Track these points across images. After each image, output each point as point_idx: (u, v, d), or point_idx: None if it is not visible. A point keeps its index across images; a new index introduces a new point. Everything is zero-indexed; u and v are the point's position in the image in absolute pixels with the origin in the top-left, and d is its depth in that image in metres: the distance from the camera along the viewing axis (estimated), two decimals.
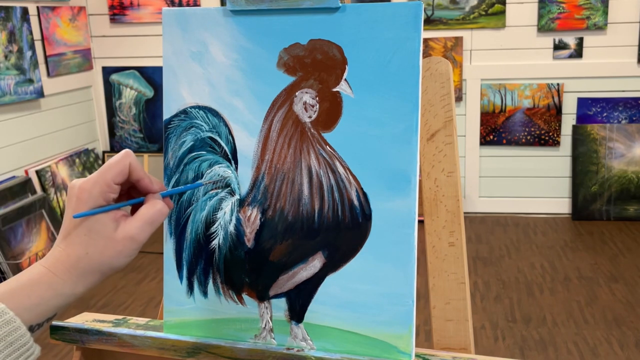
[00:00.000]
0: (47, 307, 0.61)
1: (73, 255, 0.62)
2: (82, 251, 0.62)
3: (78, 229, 0.63)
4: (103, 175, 0.64)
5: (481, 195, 3.95)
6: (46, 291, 0.61)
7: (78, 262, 0.62)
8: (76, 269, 0.62)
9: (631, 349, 2.37)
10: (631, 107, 3.67)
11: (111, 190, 0.64)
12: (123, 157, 0.65)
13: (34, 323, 0.60)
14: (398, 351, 0.73)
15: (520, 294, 2.85)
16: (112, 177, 0.64)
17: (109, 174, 0.64)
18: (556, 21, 3.62)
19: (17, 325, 0.58)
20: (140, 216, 0.65)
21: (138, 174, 0.66)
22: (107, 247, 0.63)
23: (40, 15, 3.51)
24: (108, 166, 0.64)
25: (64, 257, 0.62)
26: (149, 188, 0.67)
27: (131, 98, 4.09)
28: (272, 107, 0.76)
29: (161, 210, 0.66)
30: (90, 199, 0.63)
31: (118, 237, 0.63)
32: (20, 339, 0.58)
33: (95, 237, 0.62)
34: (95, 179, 0.63)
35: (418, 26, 0.69)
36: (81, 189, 0.63)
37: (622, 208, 3.71)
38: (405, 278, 0.72)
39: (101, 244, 0.63)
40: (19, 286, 0.60)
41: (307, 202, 0.75)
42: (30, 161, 3.44)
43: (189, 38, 0.78)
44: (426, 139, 0.82)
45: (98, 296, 2.98)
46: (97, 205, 0.63)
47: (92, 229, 0.63)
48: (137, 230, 0.64)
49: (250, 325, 0.79)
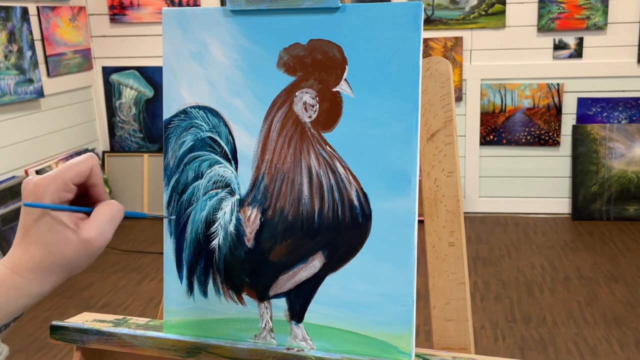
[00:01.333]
0: (14, 307, 0.60)
1: (37, 255, 0.61)
2: (45, 250, 0.61)
3: (38, 227, 0.61)
4: (62, 173, 0.62)
5: (481, 195, 3.95)
6: (12, 292, 0.60)
7: (42, 262, 0.61)
8: (40, 269, 0.61)
9: (631, 349, 2.37)
10: (631, 107, 3.67)
11: (67, 189, 0.62)
12: (87, 159, 0.64)
13: (1, 324, 0.60)
14: (398, 351, 0.73)
15: (520, 294, 2.85)
16: (71, 177, 0.62)
17: (69, 172, 0.62)
18: (556, 21, 3.62)
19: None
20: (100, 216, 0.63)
21: (96, 180, 0.65)
22: (69, 248, 0.61)
23: (40, 15, 3.51)
24: (68, 166, 0.63)
25: (28, 257, 0.61)
26: (101, 196, 0.66)
27: (131, 98, 4.09)
28: (272, 107, 0.76)
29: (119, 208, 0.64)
30: (46, 194, 0.61)
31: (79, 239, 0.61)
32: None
33: (56, 237, 0.61)
34: (54, 177, 0.62)
35: (418, 26, 0.69)
36: (37, 185, 0.61)
37: (622, 208, 3.71)
38: (405, 278, 0.72)
39: (63, 244, 0.61)
40: None
41: (307, 202, 0.75)
42: (30, 161, 3.44)
43: (189, 38, 0.78)
44: (426, 139, 0.82)
45: (98, 296, 2.98)
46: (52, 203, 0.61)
47: (52, 228, 0.61)
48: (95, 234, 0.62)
49: (250, 325, 0.79)
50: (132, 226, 3.88)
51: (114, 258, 3.42)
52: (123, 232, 3.79)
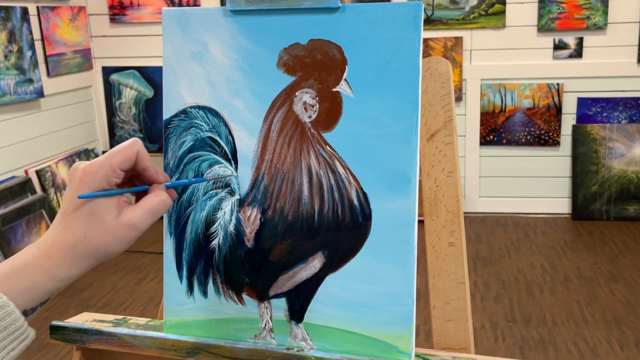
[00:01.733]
0: (41, 291, 0.60)
1: (71, 238, 0.61)
2: (81, 234, 0.61)
3: (79, 211, 0.61)
4: (110, 159, 0.63)
5: (481, 195, 3.95)
6: (41, 275, 0.60)
7: (75, 246, 0.61)
8: (72, 253, 0.61)
9: (631, 349, 2.37)
10: (631, 107, 3.67)
11: (116, 175, 0.63)
12: (132, 144, 0.65)
13: (28, 307, 0.60)
14: (398, 351, 0.73)
15: (520, 294, 2.85)
16: (118, 163, 0.63)
17: (116, 158, 0.63)
18: (556, 21, 3.62)
19: (11, 309, 0.57)
20: (143, 205, 0.64)
21: (145, 163, 0.65)
22: (107, 232, 0.62)
23: (40, 15, 3.51)
24: (115, 151, 0.63)
25: (61, 240, 0.61)
26: (154, 178, 0.66)
27: (131, 98, 4.09)
28: (272, 107, 0.76)
29: (165, 201, 0.65)
30: (94, 181, 0.62)
31: (119, 224, 0.62)
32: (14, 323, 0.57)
33: (95, 221, 0.61)
34: (101, 163, 0.62)
35: (418, 26, 0.69)
36: (85, 172, 0.62)
37: (622, 208, 3.71)
38: (405, 278, 0.72)
39: (101, 228, 0.61)
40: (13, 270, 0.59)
41: (307, 202, 0.75)
42: (30, 161, 3.44)
43: (189, 38, 0.78)
44: (426, 139, 0.82)
45: (98, 296, 2.98)
46: (100, 189, 0.62)
47: (94, 212, 0.61)
48: (139, 219, 0.63)
49: (250, 325, 0.79)
50: None
51: (114, 258, 3.42)
52: None
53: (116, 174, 0.63)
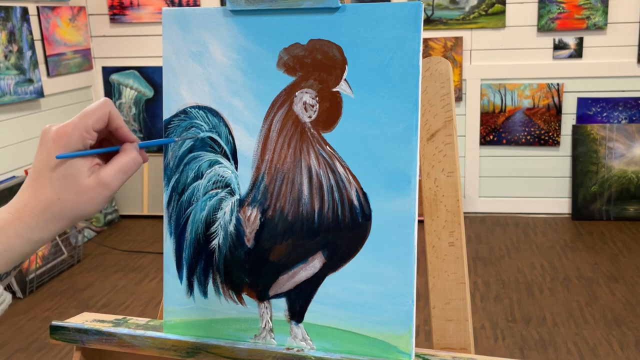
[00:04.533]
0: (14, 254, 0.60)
1: (43, 200, 0.61)
2: (55, 196, 0.61)
3: (53, 173, 0.61)
4: (84, 119, 0.63)
5: (481, 195, 3.95)
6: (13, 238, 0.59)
7: (48, 207, 0.61)
8: (45, 214, 0.61)
9: (631, 349, 2.37)
10: (631, 107, 3.67)
11: (90, 136, 0.63)
12: (103, 104, 0.64)
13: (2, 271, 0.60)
14: (398, 351, 0.73)
15: (520, 294, 2.85)
16: (92, 123, 0.63)
17: (90, 119, 0.63)
18: (556, 21, 3.62)
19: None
20: (115, 164, 0.64)
21: (117, 122, 0.65)
22: (80, 192, 0.61)
23: (40, 15, 3.51)
24: (88, 112, 0.63)
25: (33, 202, 0.61)
26: (126, 137, 0.66)
27: (131, 98, 4.09)
28: (272, 107, 0.76)
29: (135, 159, 0.65)
30: (70, 143, 0.61)
31: (92, 183, 0.62)
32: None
33: (69, 182, 0.61)
34: (76, 123, 0.62)
35: (418, 26, 0.69)
36: (59, 133, 0.62)
37: (622, 208, 3.71)
38: (405, 278, 0.72)
39: (75, 189, 0.61)
40: None
41: (307, 202, 0.75)
42: (30, 161, 3.44)
43: (189, 38, 0.78)
44: (426, 139, 0.82)
45: (98, 296, 2.98)
46: (75, 150, 0.62)
47: (68, 173, 0.61)
48: (111, 178, 0.63)
49: (250, 325, 0.79)
50: (132, 226, 3.88)
51: (114, 258, 3.42)
52: (123, 232, 3.79)
53: (90, 135, 0.63)
